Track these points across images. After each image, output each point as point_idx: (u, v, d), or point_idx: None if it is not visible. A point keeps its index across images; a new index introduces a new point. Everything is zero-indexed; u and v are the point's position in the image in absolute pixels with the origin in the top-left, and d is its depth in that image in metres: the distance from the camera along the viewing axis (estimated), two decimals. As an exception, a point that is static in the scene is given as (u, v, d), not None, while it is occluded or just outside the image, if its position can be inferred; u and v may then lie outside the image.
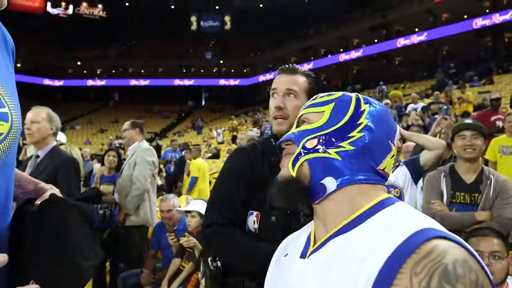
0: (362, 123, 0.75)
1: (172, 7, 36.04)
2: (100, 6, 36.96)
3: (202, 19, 38.86)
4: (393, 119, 0.79)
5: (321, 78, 29.73)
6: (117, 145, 13.90)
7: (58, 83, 34.95)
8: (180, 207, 3.14)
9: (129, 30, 35.93)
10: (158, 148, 12.57)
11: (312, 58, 28.65)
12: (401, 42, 23.28)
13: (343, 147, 0.73)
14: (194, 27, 39.02)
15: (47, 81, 34.37)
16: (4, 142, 0.78)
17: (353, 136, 0.74)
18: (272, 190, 0.78)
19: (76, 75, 35.42)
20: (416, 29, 22.95)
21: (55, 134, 2.62)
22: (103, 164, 4.19)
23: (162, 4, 34.88)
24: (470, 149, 2.20)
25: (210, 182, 7.84)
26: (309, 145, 0.74)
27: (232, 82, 33.92)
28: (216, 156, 12.21)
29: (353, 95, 0.80)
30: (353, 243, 0.65)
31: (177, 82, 34.33)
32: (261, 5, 35.22)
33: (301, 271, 0.71)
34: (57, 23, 35.17)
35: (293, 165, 0.74)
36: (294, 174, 0.74)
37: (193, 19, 38.87)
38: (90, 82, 35.04)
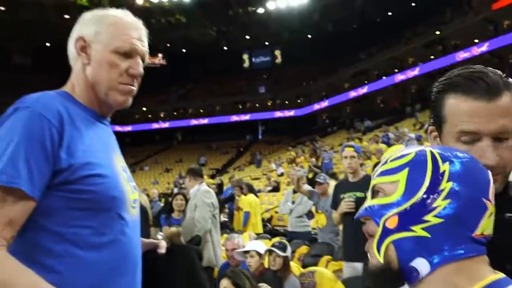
0: (445, 188, 0.65)
1: (225, 48, 37.95)
2: (160, 55, 40.01)
3: (253, 55, 40.37)
4: (483, 170, 0.68)
5: (377, 101, 29.08)
6: (182, 184, 14.59)
7: (127, 128, 37.85)
8: (244, 246, 3.27)
9: (187, 74, 38.28)
10: (220, 186, 12.97)
11: (366, 82, 28.23)
12: (461, 55, 22.16)
13: (428, 221, 0.64)
14: (246, 64, 40.60)
15: (117, 128, 37.39)
16: (137, 207, 1.04)
17: (438, 206, 0.64)
18: (367, 276, 0.72)
19: (142, 119, 38.14)
20: (476, 40, 21.80)
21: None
22: (170, 205, 4.49)
23: (215, 46, 36.89)
24: None
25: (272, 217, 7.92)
26: (390, 224, 0.66)
27: (287, 113, 34.32)
28: (276, 189, 12.31)
29: (428, 153, 0.69)
30: None
31: (234, 118, 35.52)
32: (309, 36, 35.82)
33: None
34: (123, 75, 38.67)
35: (378, 249, 0.67)
36: (381, 259, 0.67)
37: (245, 57, 40.53)
38: (155, 125, 37.51)
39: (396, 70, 26.24)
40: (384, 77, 26.87)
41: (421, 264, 0.63)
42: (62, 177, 0.90)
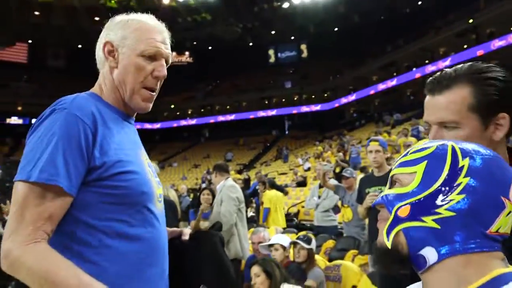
0: (461, 183, 0.66)
1: (251, 44, 38.01)
2: (187, 53, 40.60)
3: (279, 50, 40.22)
4: (505, 168, 0.68)
5: (407, 93, 28.32)
6: (209, 179, 14.80)
7: (156, 126, 38.75)
8: (269, 239, 3.34)
9: (213, 71, 38.67)
10: (247, 181, 13.09)
11: (394, 74, 27.55)
12: (496, 44, 21.21)
13: (440, 213, 0.65)
14: (272, 59, 40.53)
15: (147, 125, 38.36)
16: (162, 201, 1.13)
17: (452, 200, 0.65)
18: (373, 253, 0.75)
19: (171, 117, 38.91)
20: (512, 28, 20.79)
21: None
22: (198, 200, 4.62)
23: (241, 42, 37.02)
24: None
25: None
26: (402, 213, 0.68)
27: (314, 108, 34.05)
28: (302, 184, 12.29)
29: (449, 147, 0.70)
30: None
31: (261, 113, 35.60)
32: (335, 29, 35.29)
33: None
34: (152, 73, 39.53)
35: (388, 235, 0.70)
36: (389, 244, 0.69)
37: (271, 52, 40.44)
38: (183, 122, 38.18)
39: (427, 61, 25.44)
40: (414, 69, 26.12)
41: (429, 253, 0.66)
42: (96, 174, 0.96)
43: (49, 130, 0.93)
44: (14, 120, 32.69)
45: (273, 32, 37.77)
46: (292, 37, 38.80)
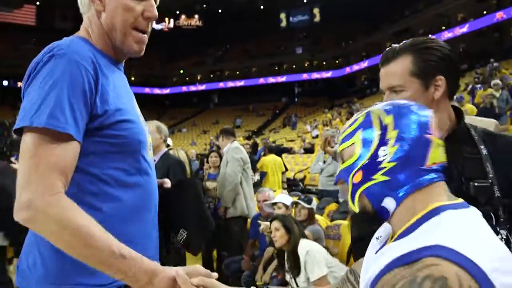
0: (391, 137, 0.77)
1: (262, 7, 36.98)
2: (196, 16, 39.78)
3: (291, 15, 39.12)
4: (420, 111, 0.81)
5: (421, 61, 27.60)
6: (217, 144, 14.95)
7: (165, 91, 38.72)
8: (274, 199, 3.45)
9: (223, 36, 37.97)
10: (255, 146, 13.19)
11: (409, 40, 26.75)
12: (518, 9, 20.31)
13: (384, 167, 0.76)
14: (283, 24, 39.51)
15: (156, 90, 38.33)
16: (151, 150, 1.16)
17: (389, 153, 0.76)
18: (351, 221, 0.91)
19: (180, 82, 38.75)
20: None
21: (164, 141, 3.13)
22: (207, 163, 4.74)
23: (252, 6, 36.03)
24: None
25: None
26: (356, 179, 0.80)
27: (325, 74, 33.51)
28: (310, 150, 12.36)
29: (373, 112, 0.82)
30: (395, 250, 0.73)
31: (270, 80, 35.21)
32: (350, -8, 34.02)
33: (373, 264, 0.81)
34: (161, 37, 38.98)
35: (353, 202, 0.82)
36: (356, 209, 0.81)
37: (282, 16, 39.37)
38: (192, 88, 38.04)
39: (444, 28, 24.60)
40: (429, 35, 25.29)
41: (388, 202, 0.77)
42: (97, 122, 0.94)
43: (51, 76, 0.89)
44: (25, 83, 32.92)
45: (285, -5, 36.65)
46: (305, 0, 37.60)
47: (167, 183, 1.26)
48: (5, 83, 33.16)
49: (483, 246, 0.65)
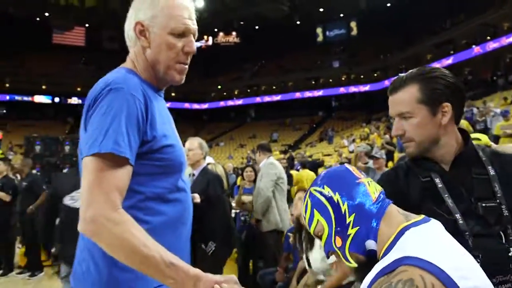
0: (337, 199, 0.97)
1: (298, 22, 37.37)
2: (234, 33, 40.78)
3: (328, 29, 39.14)
4: (342, 169, 1.04)
5: (465, 72, 26.63)
6: (253, 158, 15.13)
7: (203, 106, 39.78)
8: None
9: (260, 51, 38.58)
10: (291, 160, 13.27)
11: (451, 52, 25.93)
12: None
13: (350, 221, 0.95)
14: (320, 38, 39.58)
15: (195, 106, 39.48)
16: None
17: (345, 209, 0.96)
18: (357, 280, 1.01)
19: (218, 97, 39.68)
20: None
21: (204, 157, 3.32)
22: (242, 177, 4.91)
23: (288, 21, 36.49)
24: None
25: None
26: (338, 243, 0.97)
27: (362, 88, 33.09)
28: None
29: (313, 191, 1.02)
30: (373, 270, 0.89)
31: (307, 94, 35.25)
32: (388, 4, 33.61)
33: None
34: (200, 54, 40.16)
35: (348, 261, 0.97)
36: (354, 264, 0.97)
37: (319, 30, 39.48)
38: (229, 103, 38.83)
39: (488, 38, 23.68)
40: (473, 46, 24.42)
41: (370, 244, 0.94)
42: (147, 147, 1.06)
43: (111, 108, 1.01)
44: (75, 100, 35.10)
45: (321, 10, 36.78)
46: (341, 14, 37.56)
47: (196, 198, 1.40)
48: (56, 100, 35.48)
49: (441, 251, 0.81)
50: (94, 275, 1.05)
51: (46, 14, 34.41)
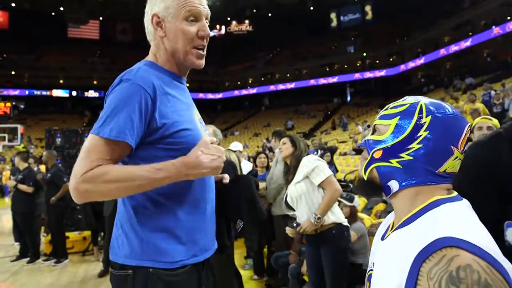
0: (421, 135, 0.86)
1: (311, 8, 36.84)
2: (246, 21, 40.55)
3: (342, 14, 38.50)
4: (459, 122, 0.88)
5: (483, 55, 25.91)
6: (269, 146, 15.20)
7: (218, 96, 39.90)
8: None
9: (273, 39, 38.32)
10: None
11: (470, 34, 25.19)
12: None
13: (402, 157, 0.88)
14: (334, 23, 39.01)
15: (209, 95, 39.64)
16: None
17: (412, 148, 0.87)
18: (355, 183, 1.00)
19: (232, 87, 39.71)
20: None
21: (219, 144, 3.39)
22: (255, 164, 5.00)
23: (301, 7, 36.01)
24: None
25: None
26: (376, 155, 0.91)
27: (378, 73, 32.57)
28: (361, 152, 12.19)
29: (418, 106, 0.89)
30: (403, 239, 0.82)
31: (322, 81, 34.92)
32: (404, -14, 32.76)
33: (379, 250, 0.93)
34: (213, 44, 40.10)
35: (365, 170, 0.94)
36: (365, 177, 0.94)
37: (333, 15, 38.87)
38: (243, 92, 38.83)
39: (509, 18, 22.90)
40: (493, 27, 23.67)
41: (393, 184, 0.89)
42: (159, 133, 1.16)
43: (117, 96, 1.13)
44: (91, 93, 35.73)
45: (335, -6, 36.19)
46: (356, -1, 36.89)
47: (226, 178, 1.47)
48: (74, 93, 36.20)
49: (483, 234, 0.76)
50: (126, 248, 1.19)
51: (61, 8, 34.86)
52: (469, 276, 0.67)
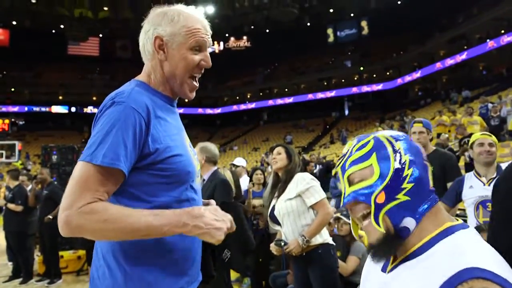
0: (406, 161, 0.83)
1: (308, 24, 37.33)
2: (245, 38, 41.02)
3: (338, 29, 39.04)
4: (415, 143, 0.90)
5: (479, 68, 26.15)
6: (267, 161, 15.13)
7: (217, 111, 40.04)
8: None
9: (271, 54, 38.69)
10: (305, 163, 13.21)
11: (465, 47, 25.48)
12: None
13: (405, 187, 0.81)
14: (331, 39, 39.50)
15: (208, 110, 39.78)
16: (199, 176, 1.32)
17: (407, 175, 0.82)
18: (372, 252, 0.85)
19: (231, 102, 39.89)
20: None
21: (211, 161, 3.33)
22: (251, 183, 4.92)
23: (299, 23, 36.50)
24: None
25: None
26: (379, 200, 0.81)
27: (375, 87, 32.80)
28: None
29: (382, 137, 0.88)
30: (422, 269, 0.76)
31: (320, 95, 35.13)
32: (399, 2, 33.29)
33: (382, 282, 0.85)
34: (212, 60, 40.23)
35: (377, 223, 0.81)
36: (383, 230, 0.81)
37: (330, 31, 39.40)
38: (242, 107, 38.98)
39: (502, 31, 23.20)
40: (487, 40, 23.95)
41: (409, 222, 0.80)
42: (150, 159, 1.10)
43: (110, 119, 1.06)
44: (90, 109, 35.83)
45: (331, 10, 36.69)
46: (352, 14, 37.39)
47: (212, 205, 1.42)
48: (73, 109, 36.29)
49: (503, 264, 0.72)
50: (108, 279, 1.11)
51: (61, 26, 35.26)
52: None
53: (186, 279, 1.19)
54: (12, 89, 34.78)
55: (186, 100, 1.36)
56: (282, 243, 2.62)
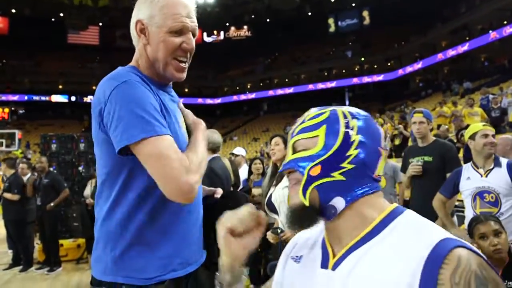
0: (355, 140, 0.78)
1: (309, 13, 37.00)
2: (245, 27, 40.71)
3: (340, 19, 38.72)
4: (377, 125, 0.85)
5: (481, 59, 25.99)
6: (267, 151, 15.13)
7: (217, 101, 39.94)
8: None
9: (272, 44, 38.46)
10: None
11: (467, 38, 25.30)
12: None
13: (344, 167, 0.76)
14: (332, 28, 39.19)
15: (208, 100, 39.67)
16: None
17: (351, 155, 0.77)
18: (288, 216, 0.81)
19: (231, 92, 39.76)
20: None
21: (208, 149, 3.31)
22: (250, 171, 4.93)
23: (300, 12, 36.17)
24: None
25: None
26: (313, 172, 0.77)
27: (376, 78, 32.66)
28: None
29: (339, 111, 0.82)
30: (387, 248, 0.70)
31: (320, 85, 34.99)
32: (401, -8, 32.97)
33: (326, 281, 0.76)
34: (212, 49, 40.35)
35: (304, 194, 0.78)
36: (307, 202, 0.77)
37: (331, 21, 39.08)
38: (242, 97, 38.88)
39: (505, 22, 23.00)
40: (490, 31, 23.76)
41: (338, 202, 0.76)
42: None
43: (124, 99, 1.06)
44: (90, 98, 35.64)
45: (332, 0, 36.35)
46: (353, 3, 37.04)
47: (218, 193, 1.42)
48: (73, 98, 36.18)
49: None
50: (102, 264, 1.14)
51: (61, 14, 34.97)
52: (490, 274, 0.64)
53: (179, 260, 1.18)
54: (12, 78, 34.61)
55: (186, 90, 1.33)
56: (279, 230, 2.62)
